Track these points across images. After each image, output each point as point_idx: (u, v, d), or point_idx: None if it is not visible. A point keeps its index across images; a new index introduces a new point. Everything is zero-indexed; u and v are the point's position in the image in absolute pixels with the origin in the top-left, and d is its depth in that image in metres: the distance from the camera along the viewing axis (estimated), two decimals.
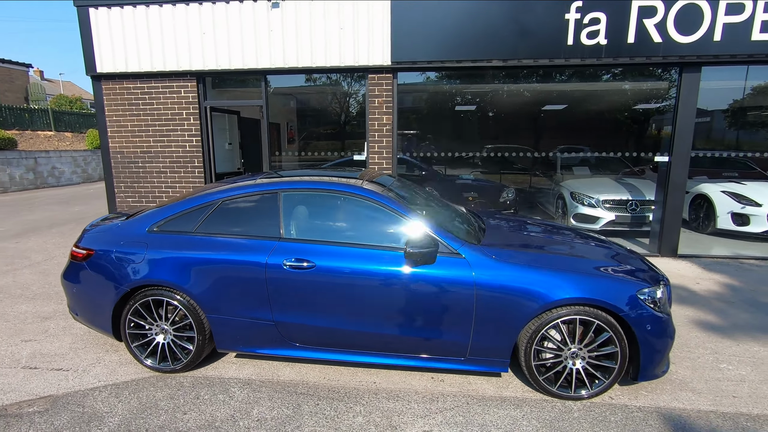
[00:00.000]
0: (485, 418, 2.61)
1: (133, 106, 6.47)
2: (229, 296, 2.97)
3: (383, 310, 2.84)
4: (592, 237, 3.66)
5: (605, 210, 6.95)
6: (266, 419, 2.62)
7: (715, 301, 4.44)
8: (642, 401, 2.78)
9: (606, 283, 2.68)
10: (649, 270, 3.01)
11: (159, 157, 6.58)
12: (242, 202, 3.14)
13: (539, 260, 2.80)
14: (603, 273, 2.74)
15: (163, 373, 3.14)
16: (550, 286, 2.66)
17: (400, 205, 2.95)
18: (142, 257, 3.04)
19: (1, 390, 2.94)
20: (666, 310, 2.77)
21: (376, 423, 2.58)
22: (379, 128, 6.03)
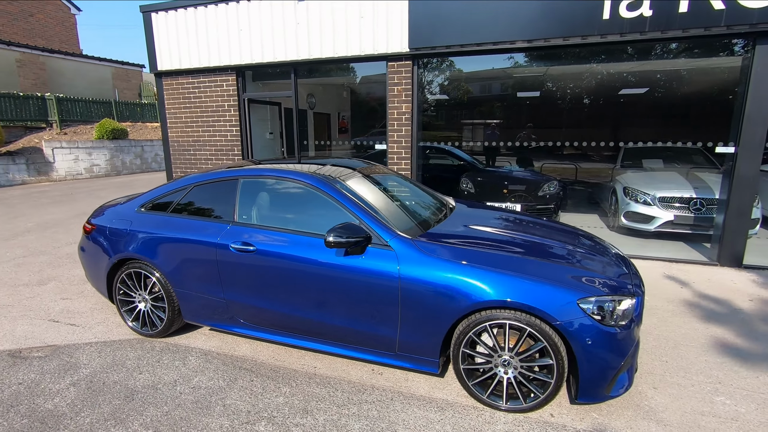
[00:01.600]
0: (399, 417, 2.53)
1: (186, 100, 7.20)
2: (190, 273, 3.23)
3: (315, 297, 2.87)
4: (583, 239, 3.26)
5: (662, 209, 6.05)
6: (200, 387, 2.84)
7: (757, 324, 3.67)
8: (586, 424, 2.45)
9: (540, 287, 2.39)
10: (618, 278, 2.61)
11: (206, 146, 7.26)
12: (210, 187, 3.38)
13: (475, 258, 2.58)
14: (541, 277, 2.44)
15: (143, 337, 3.54)
16: (479, 286, 2.46)
17: (342, 195, 2.93)
18: (126, 234, 3.44)
19: (24, 336, 3.57)
20: (621, 323, 2.39)
21: (292, 405, 2.65)
22: (398, 117, 5.94)
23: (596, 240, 3.34)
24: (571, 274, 2.51)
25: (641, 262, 5.26)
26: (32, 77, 15.83)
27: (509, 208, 6.71)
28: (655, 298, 4.17)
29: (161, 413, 2.58)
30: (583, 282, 2.45)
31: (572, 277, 2.49)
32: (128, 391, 2.81)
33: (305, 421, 2.51)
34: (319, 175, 3.09)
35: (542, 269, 2.52)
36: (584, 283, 2.45)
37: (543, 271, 2.50)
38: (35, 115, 14.47)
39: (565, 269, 2.57)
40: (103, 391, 2.80)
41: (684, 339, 3.40)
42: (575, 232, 3.42)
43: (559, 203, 6.96)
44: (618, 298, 2.43)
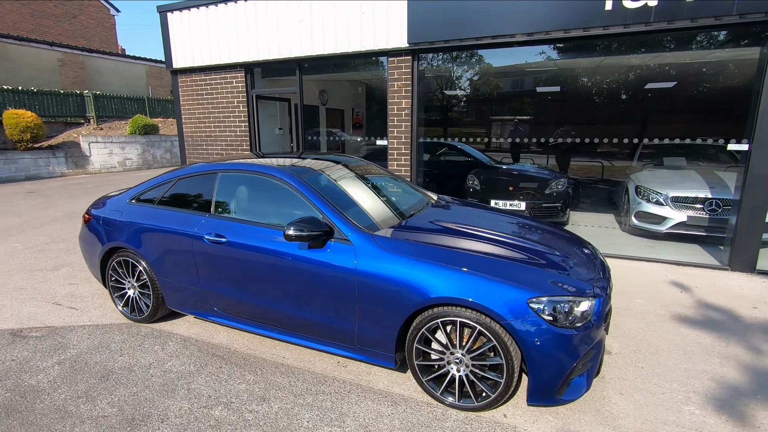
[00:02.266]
0: (351, 409, 2.56)
1: (199, 96, 7.46)
2: (171, 263, 3.38)
3: (280, 289, 2.94)
4: (557, 238, 3.17)
5: (675, 209, 5.75)
6: (171, 371, 2.98)
7: (754, 334, 3.45)
8: (537, 427, 2.40)
9: (488, 285, 2.35)
10: (580, 278, 2.53)
11: (217, 141, 7.50)
12: (192, 180, 3.51)
13: (429, 254, 2.57)
14: (492, 274, 2.40)
15: (132, 322, 3.74)
16: (431, 283, 2.45)
17: (308, 189, 2.98)
18: (117, 224, 3.63)
19: (28, 317, 3.85)
20: (576, 325, 2.32)
21: (252, 392, 2.73)
22: (398, 113, 5.93)
23: (573, 239, 3.23)
24: (526, 273, 2.46)
25: (646, 264, 5.04)
26: (72, 76, 16.82)
27: (514, 206, 6.58)
28: (648, 302, 3.99)
29: (129, 394, 2.73)
30: (538, 281, 2.39)
31: (527, 275, 2.44)
32: (106, 371, 2.98)
33: (260, 408, 2.58)
34: (288, 170, 3.15)
35: (496, 267, 2.48)
36: (538, 282, 2.39)
37: (496, 268, 2.46)
38: (74, 111, 15.36)
39: (522, 267, 2.51)
40: (83, 371, 2.99)
41: (668, 345, 3.25)
42: (552, 231, 3.33)
43: (568, 201, 6.74)
44: (575, 299, 2.36)
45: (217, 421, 2.47)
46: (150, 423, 2.45)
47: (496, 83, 13.56)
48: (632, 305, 3.94)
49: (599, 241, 5.94)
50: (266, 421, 2.46)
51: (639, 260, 5.16)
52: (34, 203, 9.28)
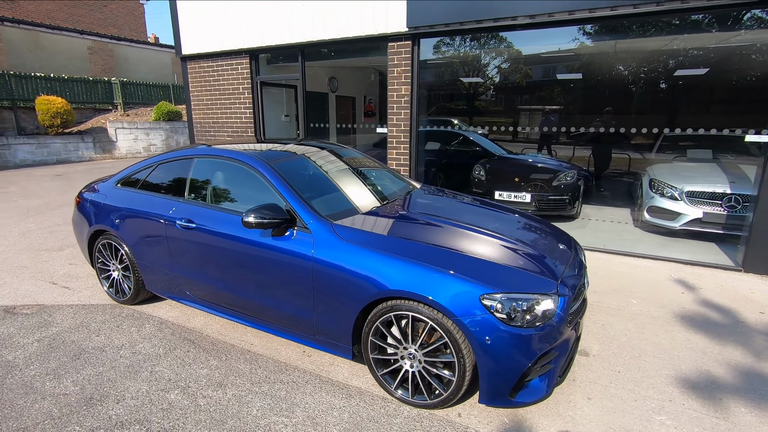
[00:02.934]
0: (303, 399, 2.53)
1: (207, 83, 7.53)
2: (148, 247, 3.42)
3: (244, 275, 2.92)
4: (536, 232, 3.01)
5: (690, 204, 5.39)
6: (140, 353, 3.03)
7: (755, 339, 3.18)
8: (492, 428, 2.29)
9: (441, 279, 2.24)
10: (545, 276, 2.38)
11: (224, 127, 7.57)
12: (170, 165, 3.52)
13: (387, 246, 2.47)
14: (447, 268, 2.28)
15: (116, 303, 3.83)
16: (385, 275, 2.36)
17: (274, 175, 2.93)
18: (101, 207, 3.71)
19: (24, 294, 4.01)
20: (535, 324, 2.18)
21: (210, 377, 2.74)
22: (398, 100, 5.79)
23: (552, 233, 3.05)
24: (483, 267, 2.33)
25: (652, 262, 4.75)
26: (101, 63, 17.40)
27: (519, 197, 6.35)
28: (644, 302, 3.76)
29: (95, 373, 2.79)
30: (494, 276, 2.26)
31: (484, 270, 2.31)
32: (79, 350, 3.06)
33: (215, 394, 2.59)
34: (257, 156, 3.10)
35: (452, 260, 2.36)
36: (495, 277, 2.26)
37: (452, 261, 2.34)
38: (103, 97, 15.90)
39: (480, 262, 2.38)
40: (58, 349, 3.08)
41: (654, 349, 3.04)
42: (530, 224, 3.16)
43: (577, 194, 6.44)
44: (535, 297, 2.22)
45: (169, 405, 2.48)
46: (105, 403, 2.50)
47: (521, 70, 13.11)
48: (625, 305, 3.72)
49: (608, 236, 5.66)
50: (217, 408, 2.46)
51: (646, 258, 4.87)
52: (58, 185, 9.69)
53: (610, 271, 4.51)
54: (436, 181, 7.71)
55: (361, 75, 10.29)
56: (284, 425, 2.32)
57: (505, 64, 13.46)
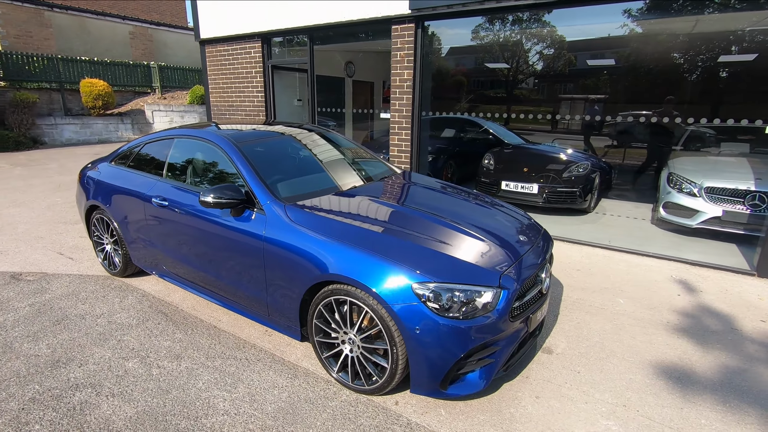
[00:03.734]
0: (250, 376, 2.58)
1: (222, 67, 7.69)
2: (132, 222, 3.58)
3: (208, 254, 3.00)
4: (501, 220, 2.89)
5: (709, 201, 5.00)
6: (116, 322, 3.20)
7: (745, 349, 2.93)
8: (423, 419, 2.26)
9: (376, 265, 2.20)
10: (491, 267, 2.28)
11: (238, 111, 7.73)
12: (154, 145, 3.64)
13: (331, 230, 2.45)
14: (386, 255, 2.24)
15: (109, 275, 4.05)
16: (326, 259, 2.35)
17: (238, 156, 2.96)
18: (96, 183, 3.90)
19: (32, 263, 4.31)
20: (472, 316, 2.11)
21: (170, 349, 2.86)
22: (400, 84, 5.68)
23: (521, 224, 2.92)
24: (424, 256, 2.27)
25: (657, 262, 4.46)
26: (141, 47, 18.17)
27: (525, 188, 6.11)
28: (633, 303, 3.55)
29: (69, 338, 2.97)
30: (431, 264, 2.20)
31: (422, 257, 2.24)
32: (62, 316, 3.27)
33: (170, 365, 2.69)
34: (226, 137, 3.15)
35: (395, 247, 2.31)
36: (432, 265, 2.19)
37: (395, 249, 2.29)
38: (142, 81, 16.65)
39: (422, 250, 2.31)
40: (44, 314, 3.30)
41: (626, 352, 2.87)
42: (501, 214, 3.03)
43: (590, 187, 6.12)
44: (473, 289, 2.14)
45: (125, 372, 2.61)
46: (69, 366, 2.66)
47: (564, 56, 12.54)
48: (610, 304, 3.52)
49: (617, 233, 5.36)
50: (167, 378, 2.56)
51: (651, 257, 4.57)
52: None
53: (606, 268, 4.27)
54: (447, 169, 7.55)
55: (379, 60, 10.14)
56: (223, 399, 2.38)
57: (540, 48, 12.90)
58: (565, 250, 4.79)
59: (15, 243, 4.84)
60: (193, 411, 2.29)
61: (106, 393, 2.42)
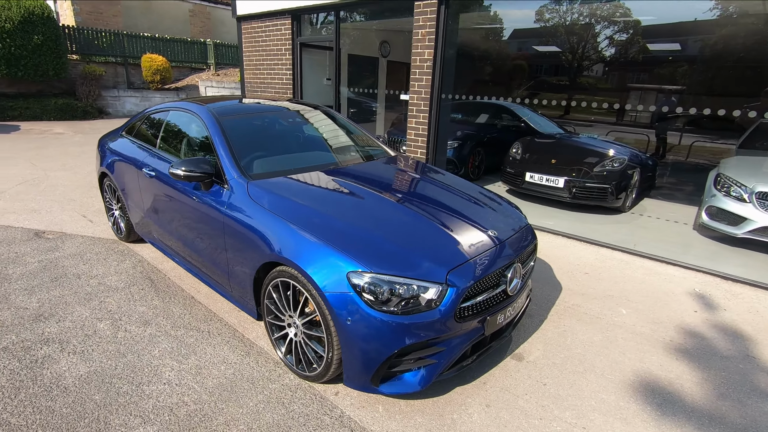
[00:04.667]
0: (205, 350, 2.61)
1: (256, 44, 7.78)
2: (130, 190, 3.72)
3: (185, 226, 3.06)
4: (479, 211, 2.68)
5: (760, 209, 4.36)
6: (105, 284, 3.36)
7: (754, 378, 2.52)
8: (361, 414, 2.16)
9: (316, 249, 2.11)
10: (441, 261, 2.11)
11: (268, 88, 7.82)
12: (154, 116, 3.74)
13: (286, 210, 2.38)
14: (327, 239, 2.13)
15: (117, 239, 4.27)
16: (277, 239, 2.29)
17: (215, 130, 2.95)
18: (106, 151, 4.10)
19: (57, 222, 4.66)
20: (410, 311, 1.97)
21: (142, 315, 2.96)
22: (420, 65, 5.42)
23: (496, 218, 2.67)
24: (368, 244, 2.13)
25: (682, 271, 3.98)
26: (200, 25, 18.91)
27: (551, 181, 5.69)
28: (636, 315, 3.19)
29: (58, 295, 3.17)
30: (374, 255, 2.06)
31: (368, 246, 2.11)
32: (61, 274, 3.49)
33: (136, 330, 2.79)
34: (209, 111, 3.14)
35: (342, 233, 2.19)
36: (373, 256, 2.05)
37: (341, 235, 2.18)
38: (198, 57, 17.38)
39: (369, 238, 2.17)
40: (47, 270, 3.54)
41: (609, 369, 2.58)
42: (478, 204, 2.80)
43: (626, 184, 5.57)
44: (419, 284, 1.99)
45: (94, 332, 2.74)
46: (48, 322, 2.83)
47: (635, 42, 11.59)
48: (609, 314, 3.19)
49: (647, 236, 4.87)
50: (128, 343, 2.65)
51: (678, 266, 4.08)
52: None
53: (619, 274, 3.87)
54: (474, 157, 7.21)
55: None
56: (171, 369, 2.43)
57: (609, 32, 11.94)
58: (579, 250, 4.41)
59: (50, 203, 5.25)
60: (139, 377, 2.35)
61: (69, 350, 2.55)
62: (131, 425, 2.02)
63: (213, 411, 2.13)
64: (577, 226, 5.10)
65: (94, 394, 2.20)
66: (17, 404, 2.12)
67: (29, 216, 4.79)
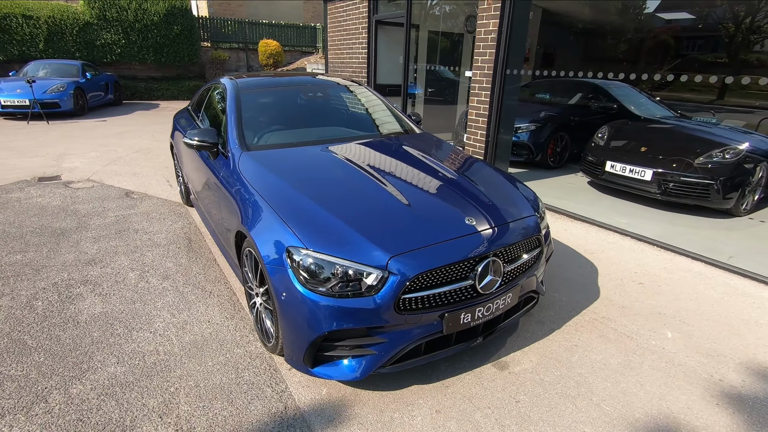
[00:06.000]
0: (198, 308, 2.80)
1: (338, 24, 7.93)
2: (180, 158, 4.14)
3: (203, 189, 3.29)
4: (477, 201, 2.38)
5: None
6: (152, 240, 3.81)
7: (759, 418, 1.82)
8: (303, 393, 2.12)
9: (269, 222, 2.10)
10: (388, 246, 1.92)
11: (347, 68, 7.95)
12: (206, 91, 4.06)
13: (260, 181, 2.42)
14: (281, 212, 2.09)
15: (181, 202, 4.80)
16: (247, 209, 2.33)
17: (231, 102, 3.11)
18: (174, 123, 4.60)
19: (145, 185, 5.41)
20: (343, 294, 1.85)
21: (166, 270, 3.29)
22: (485, 37, 4.95)
23: (491, 202, 2.32)
24: (320, 220, 2.04)
25: None
26: (311, 10, 20.01)
27: (635, 173, 4.82)
28: (683, 341, 2.55)
29: (113, 245, 3.68)
30: (316, 232, 1.96)
31: (318, 223, 2.02)
32: (125, 228, 4.05)
33: (155, 282, 3.11)
34: (233, 83, 3.29)
35: (299, 207, 2.14)
36: (315, 232, 1.96)
37: (297, 209, 2.13)
38: (308, 41, 18.48)
39: (323, 214, 2.07)
40: (117, 224, 4.14)
41: (612, 400, 2.11)
42: (486, 186, 2.48)
43: (741, 182, 4.45)
44: (357, 267, 1.86)
45: (123, 279, 3.13)
46: (95, 266, 3.32)
47: None
48: (647, 335, 2.60)
49: (759, 248, 3.85)
50: (143, 292, 2.97)
51: None
52: None
53: (687, 290, 3.13)
54: (555, 142, 6.45)
55: None
56: (162, 320, 2.66)
57: None
58: (646, 255, 3.67)
59: (149, 169, 6.13)
60: (134, 323, 2.63)
61: (97, 292, 2.96)
62: (106, 363, 2.27)
63: (175, 364, 2.28)
64: (658, 229, 4.24)
65: (94, 332, 2.53)
66: (38, 329, 2.53)
67: (129, 178, 5.65)
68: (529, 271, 2.31)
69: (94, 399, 2.03)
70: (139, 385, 2.13)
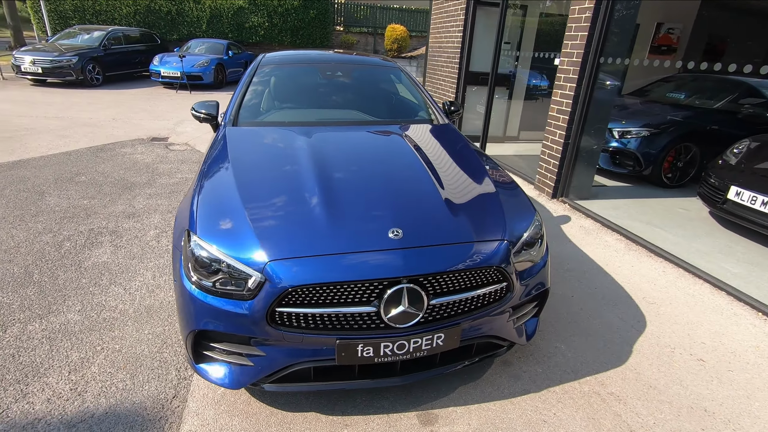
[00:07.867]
0: None
1: (439, 8, 7.46)
2: None
3: None
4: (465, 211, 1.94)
5: None
6: None
7: None
8: (196, 385, 2.00)
9: (193, 205, 1.96)
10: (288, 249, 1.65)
11: (442, 53, 7.46)
12: (252, 68, 4.15)
13: (217, 163, 2.32)
14: (207, 199, 1.96)
15: None
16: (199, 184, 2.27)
17: (247, 77, 3.16)
18: None
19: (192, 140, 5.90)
20: (228, 295, 1.66)
21: None
22: (577, 17, 4.07)
23: (468, 212, 1.84)
24: (229, 212, 1.85)
25: None
26: None
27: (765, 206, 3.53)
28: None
29: (157, 203, 4.04)
30: (222, 224, 1.78)
31: (225, 216, 1.84)
32: (181, 190, 4.44)
33: (166, 243, 3.31)
34: (261, 57, 3.29)
35: (224, 196, 1.99)
36: (220, 225, 1.78)
37: (219, 197, 1.99)
38: None
39: (235, 206, 1.87)
40: (178, 186, 4.55)
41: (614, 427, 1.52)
42: (476, 194, 2.00)
43: None
44: (238, 268, 1.64)
45: (141, 236, 3.40)
46: (130, 220, 3.68)
47: None
48: (685, 364, 1.84)
49: None
50: (148, 249, 3.18)
51: None
52: None
53: None
54: (675, 155, 5.13)
55: None
56: (141, 280, 2.80)
57: None
58: (736, 324, 2.64)
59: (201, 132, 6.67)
60: (120, 278, 2.82)
61: (114, 243, 3.28)
62: (70, 309, 2.47)
63: (119, 324, 2.37)
64: None
65: (84, 278, 2.78)
66: (50, 266, 2.89)
67: None
68: (483, 311, 1.78)
69: (36, 340, 2.21)
70: (79, 337, 2.25)
